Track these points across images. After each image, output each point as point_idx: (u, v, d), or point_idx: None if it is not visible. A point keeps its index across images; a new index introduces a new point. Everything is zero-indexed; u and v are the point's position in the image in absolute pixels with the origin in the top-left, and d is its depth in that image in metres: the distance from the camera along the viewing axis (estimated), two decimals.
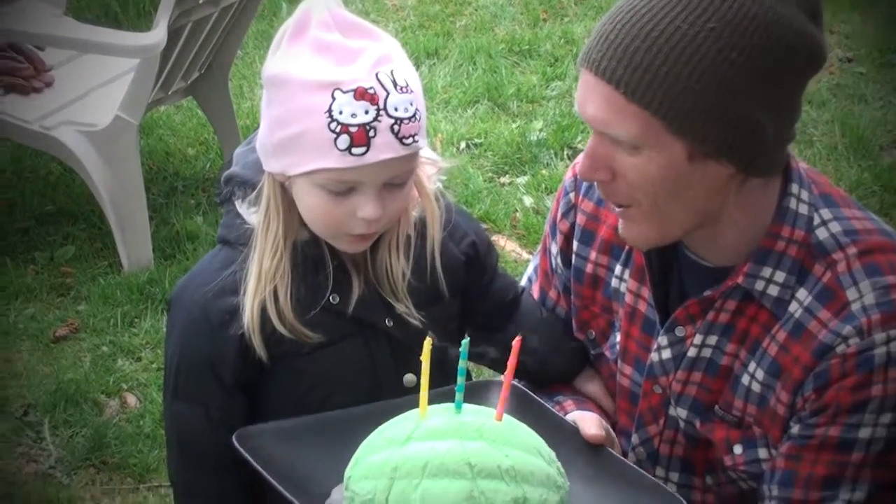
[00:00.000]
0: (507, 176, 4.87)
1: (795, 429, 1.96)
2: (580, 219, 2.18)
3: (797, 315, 1.95)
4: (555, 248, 2.25)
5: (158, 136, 5.06)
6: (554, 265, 2.27)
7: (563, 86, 5.53)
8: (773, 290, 1.96)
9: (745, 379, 2.01)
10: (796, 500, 1.97)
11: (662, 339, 2.06)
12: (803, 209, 1.96)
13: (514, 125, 5.18)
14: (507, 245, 4.40)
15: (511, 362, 1.79)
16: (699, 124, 1.81)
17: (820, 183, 2.02)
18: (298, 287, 2.02)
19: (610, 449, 2.00)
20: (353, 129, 1.89)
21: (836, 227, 1.96)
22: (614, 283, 2.15)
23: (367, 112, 1.89)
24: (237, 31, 4.64)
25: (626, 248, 2.11)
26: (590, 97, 1.87)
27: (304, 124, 1.91)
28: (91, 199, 4.35)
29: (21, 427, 3.57)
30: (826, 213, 1.97)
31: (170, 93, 4.49)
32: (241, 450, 1.87)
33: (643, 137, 1.84)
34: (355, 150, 1.89)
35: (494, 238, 4.41)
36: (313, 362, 2.06)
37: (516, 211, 4.58)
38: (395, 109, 1.91)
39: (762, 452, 2.03)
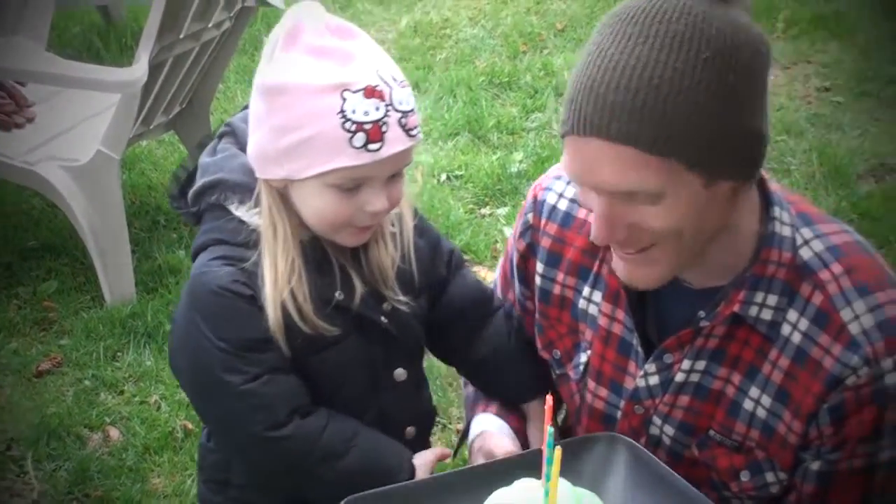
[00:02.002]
0: (488, 207, 4.89)
1: (816, 465, 1.99)
2: (545, 242, 2.21)
3: (796, 341, 1.96)
4: (514, 261, 2.31)
5: (140, 170, 5.08)
6: (512, 273, 2.33)
7: (542, 117, 5.56)
8: (767, 315, 1.98)
9: (748, 404, 2.02)
10: None
11: (650, 366, 2.08)
12: (786, 231, 1.99)
13: (494, 157, 5.20)
14: (487, 276, 4.40)
15: (547, 420, 1.81)
16: (716, 153, 1.82)
17: (794, 202, 2.04)
18: (313, 284, 2.07)
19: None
20: (367, 127, 1.95)
21: (818, 245, 1.98)
22: (582, 304, 2.17)
23: (377, 109, 1.95)
24: (218, 66, 4.67)
25: (595, 269, 2.14)
26: (603, 162, 1.83)
27: (316, 127, 1.95)
28: (73, 233, 4.36)
29: (4, 461, 3.56)
30: (807, 233, 1.99)
31: (151, 127, 4.50)
32: None
33: (667, 184, 1.82)
34: (371, 147, 1.96)
35: (475, 269, 4.43)
36: (322, 361, 2.10)
37: (496, 242, 4.60)
38: (401, 103, 1.98)
39: (769, 476, 2.04)
